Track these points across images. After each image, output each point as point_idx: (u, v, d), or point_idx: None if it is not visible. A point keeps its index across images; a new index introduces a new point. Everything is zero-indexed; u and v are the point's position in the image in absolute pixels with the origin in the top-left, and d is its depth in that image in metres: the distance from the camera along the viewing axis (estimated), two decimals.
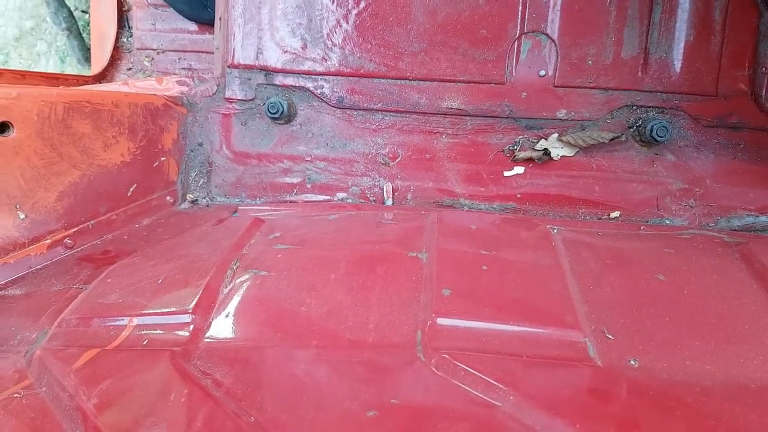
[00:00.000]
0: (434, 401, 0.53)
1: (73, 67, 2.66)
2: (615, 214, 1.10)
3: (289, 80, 1.15)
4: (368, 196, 1.15)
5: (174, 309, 0.70)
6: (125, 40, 1.80)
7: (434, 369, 0.57)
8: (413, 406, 0.52)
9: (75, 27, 2.62)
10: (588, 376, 0.56)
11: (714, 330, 0.66)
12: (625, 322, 0.66)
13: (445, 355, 0.58)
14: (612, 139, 1.10)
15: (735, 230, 1.07)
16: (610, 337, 0.63)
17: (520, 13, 1.11)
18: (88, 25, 2.69)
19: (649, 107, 1.12)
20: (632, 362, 0.60)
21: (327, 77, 1.15)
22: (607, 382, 0.55)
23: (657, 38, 1.11)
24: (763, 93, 1.10)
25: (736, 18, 1.09)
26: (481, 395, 0.52)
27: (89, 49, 2.68)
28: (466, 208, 1.11)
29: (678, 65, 1.11)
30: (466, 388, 0.54)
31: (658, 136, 1.08)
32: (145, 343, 0.66)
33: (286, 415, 0.52)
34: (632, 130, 1.13)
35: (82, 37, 2.59)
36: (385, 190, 1.14)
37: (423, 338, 0.62)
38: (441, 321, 0.64)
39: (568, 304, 0.68)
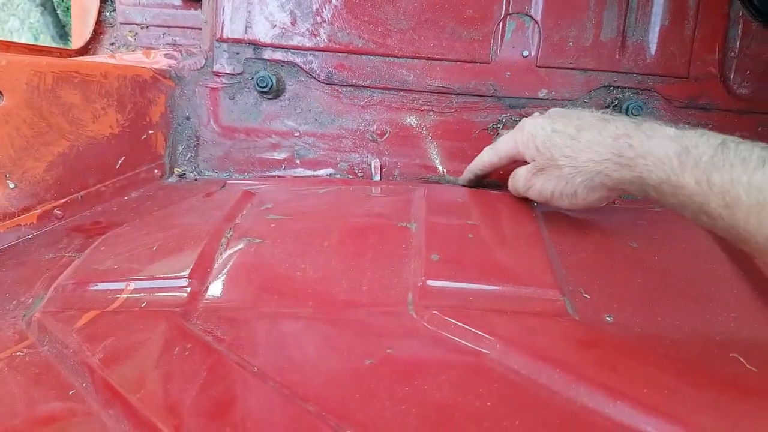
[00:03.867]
0: (427, 351, 0.56)
1: (47, 44, 2.60)
2: None
3: (278, 55, 1.16)
4: (356, 171, 1.17)
5: (171, 274, 0.72)
6: (108, 14, 1.77)
7: (426, 324, 0.61)
8: (408, 355, 0.56)
9: (49, 3, 2.56)
10: (567, 327, 0.60)
11: (683, 291, 0.71)
12: (600, 284, 0.71)
13: (435, 312, 0.62)
14: None
15: None
16: (586, 296, 0.68)
17: None
18: (63, 1, 2.62)
19: (625, 88, 1.16)
20: (608, 318, 0.64)
21: (316, 53, 1.16)
22: (585, 333, 0.60)
23: (634, 22, 1.16)
24: (731, 76, 1.16)
25: (709, 5, 1.15)
26: (469, 344, 0.56)
27: (64, 26, 2.62)
28: (451, 183, 1.15)
29: (653, 48, 1.16)
30: (456, 339, 0.58)
31: (633, 115, 1.13)
32: (143, 305, 0.68)
33: (288, 365, 0.55)
34: (609, 109, 1.17)
35: (56, 14, 2.53)
36: (372, 166, 1.16)
37: (414, 298, 0.66)
38: (431, 282, 0.68)
39: (548, 268, 0.72)
